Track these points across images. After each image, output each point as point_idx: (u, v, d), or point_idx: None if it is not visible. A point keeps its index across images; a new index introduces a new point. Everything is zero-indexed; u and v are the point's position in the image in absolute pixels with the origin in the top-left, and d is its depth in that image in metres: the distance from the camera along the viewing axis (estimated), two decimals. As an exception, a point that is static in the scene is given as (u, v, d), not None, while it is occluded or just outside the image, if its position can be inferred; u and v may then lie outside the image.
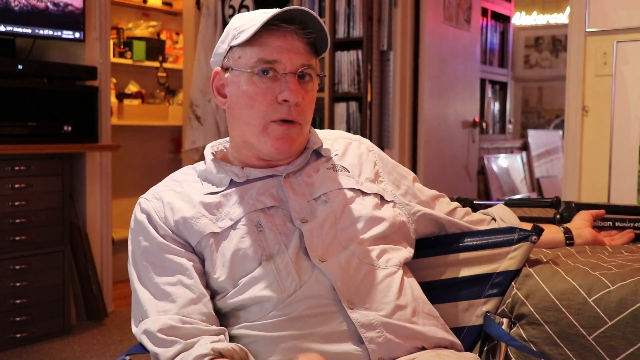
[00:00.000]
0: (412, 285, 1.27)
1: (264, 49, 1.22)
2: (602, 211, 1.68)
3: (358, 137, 1.43)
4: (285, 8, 1.21)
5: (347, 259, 1.21)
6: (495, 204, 1.62)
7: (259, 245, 1.20)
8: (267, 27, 1.21)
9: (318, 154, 1.34)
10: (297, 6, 1.22)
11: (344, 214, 1.26)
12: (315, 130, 1.38)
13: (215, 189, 1.26)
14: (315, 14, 1.22)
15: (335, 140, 1.39)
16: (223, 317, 1.21)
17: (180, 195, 1.25)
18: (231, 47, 1.25)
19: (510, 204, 1.91)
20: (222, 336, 1.16)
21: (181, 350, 1.11)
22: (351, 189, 1.30)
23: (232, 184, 1.26)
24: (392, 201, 1.35)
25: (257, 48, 1.22)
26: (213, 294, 1.21)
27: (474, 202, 1.89)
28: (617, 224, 1.69)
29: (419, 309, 1.23)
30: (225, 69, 1.27)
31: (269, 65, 1.21)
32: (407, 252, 1.32)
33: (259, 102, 1.22)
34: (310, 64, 1.24)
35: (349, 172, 1.33)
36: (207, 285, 1.20)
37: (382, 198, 1.33)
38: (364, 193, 1.31)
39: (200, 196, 1.24)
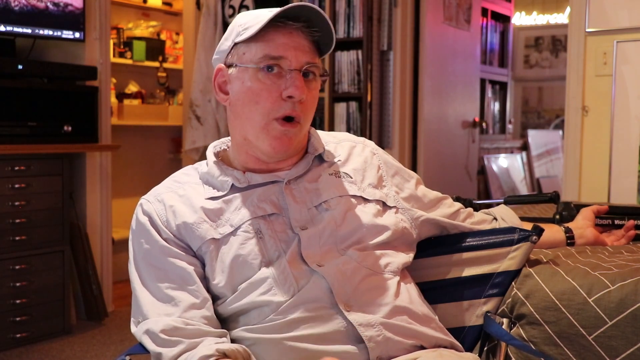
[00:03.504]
0: (409, 290, 1.27)
1: (269, 45, 1.21)
2: (605, 207, 1.68)
3: (362, 139, 1.43)
4: (291, 4, 1.20)
5: (344, 263, 1.21)
6: (495, 203, 1.62)
7: (259, 251, 1.20)
8: (273, 24, 1.21)
9: (320, 158, 1.34)
10: (305, 3, 1.22)
11: (344, 221, 1.26)
12: (319, 132, 1.37)
13: (217, 194, 1.25)
14: (323, 12, 1.21)
15: (339, 143, 1.38)
16: (223, 322, 1.21)
17: (182, 198, 1.25)
18: (236, 44, 1.25)
19: (510, 200, 1.92)
20: (224, 338, 1.16)
21: (184, 350, 1.11)
22: (353, 196, 1.29)
23: (233, 188, 1.26)
24: (394, 207, 1.34)
25: (263, 44, 1.22)
26: (212, 299, 1.21)
27: (474, 202, 1.89)
28: (616, 222, 1.69)
29: (418, 311, 1.23)
30: (229, 66, 1.26)
31: (274, 61, 1.21)
32: (407, 257, 1.32)
33: (264, 98, 1.22)
34: (315, 62, 1.24)
35: (351, 178, 1.32)
36: (207, 290, 1.21)
37: (384, 204, 1.33)
38: (365, 200, 1.30)
39: (202, 201, 1.24)
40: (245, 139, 1.27)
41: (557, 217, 1.85)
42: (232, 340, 1.19)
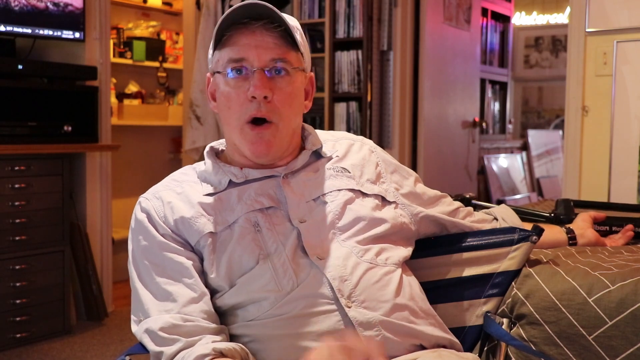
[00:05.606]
0: (411, 284, 1.27)
1: (233, 49, 1.22)
2: (603, 215, 1.68)
3: (361, 137, 1.43)
4: (236, 5, 1.20)
5: (345, 257, 1.21)
6: (494, 206, 1.61)
7: (257, 244, 1.20)
8: (236, 26, 1.22)
9: (318, 154, 1.34)
10: (254, 1, 1.21)
11: (343, 214, 1.26)
12: (318, 131, 1.38)
13: (214, 190, 1.26)
14: (271, 6, 1.20)
15: (338, 141, 1.39)
16: (221, 316, 1.21)
17: (180, 195, 1.26)
18: (214, 51, 1.27)
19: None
20: (223, 335, 1.16)
21: (182, 347, 1.11)
22: (351, 190, 1.30)
23: (230, 184, 1.27)
24: (394, 202, 1.34)
25: (228, 48, 1.23)
26: (211, 293, 1.21)
27: (472, 201, 1.89)
28: (614, 228, 1.69)
29: (417, 307, 1.23)
30: (213, 73, 1.29)
31: (237, 64, 1.22)
32: (406, 250, 1.32)
33: (233, 101, 1.23)
34: (283, 58, 1.23)
35: (349, 173, 1.33)
36: (206, 284, 1.21)
37: (383, 199, 1.33)
38: (364, 194, 1.31)
39: (200, 197, 1.25)
40: (233, 143, 1.28)
41: (553, 216, 1.85)
42: (231, 337, 1.19)
